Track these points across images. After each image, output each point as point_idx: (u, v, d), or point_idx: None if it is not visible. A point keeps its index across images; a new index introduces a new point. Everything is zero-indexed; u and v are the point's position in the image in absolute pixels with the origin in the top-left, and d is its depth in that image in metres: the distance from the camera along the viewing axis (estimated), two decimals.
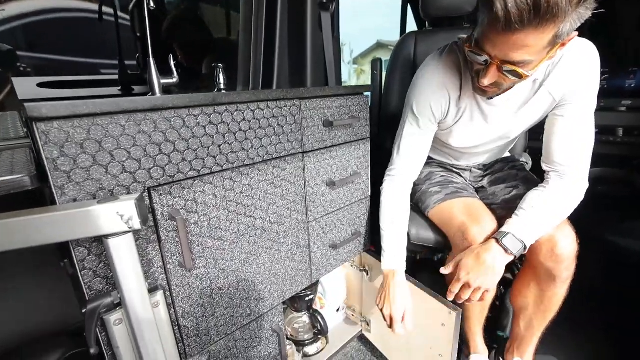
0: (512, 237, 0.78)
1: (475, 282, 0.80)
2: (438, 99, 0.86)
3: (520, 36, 0.59)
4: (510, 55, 0.63)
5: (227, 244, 0.70)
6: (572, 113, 0.79)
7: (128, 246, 0.51)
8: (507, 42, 0.61)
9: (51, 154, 0.47)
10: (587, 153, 0.80)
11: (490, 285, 0.80)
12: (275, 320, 0.86)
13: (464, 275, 0.81)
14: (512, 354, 1.03)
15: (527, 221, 0.79)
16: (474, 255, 0.81)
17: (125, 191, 0.55)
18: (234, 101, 0.65)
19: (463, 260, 0.83)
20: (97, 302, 0.51)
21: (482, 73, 0.71)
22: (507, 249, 0.77)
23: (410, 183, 0.99)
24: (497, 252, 0.79)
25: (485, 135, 0.92)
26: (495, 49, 0.64)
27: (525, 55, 0.63)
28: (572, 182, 0.81)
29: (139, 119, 0.54)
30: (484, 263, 0.79)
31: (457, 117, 0.89)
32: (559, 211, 0.80)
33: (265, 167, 0.74)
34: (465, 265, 0.81)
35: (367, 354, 1.24)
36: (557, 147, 0.81)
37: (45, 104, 0.45)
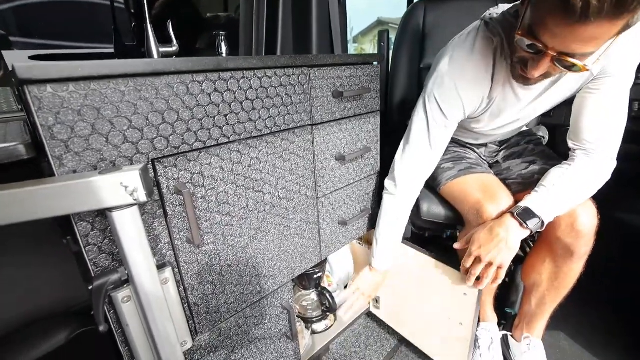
0: (529, 211, 0.74)
1: (487, 257, 0.77)
2: (472, 100, 0.79)
3: (591, 28, 0.50)
4: (572, 47, 0.55)
5: (235, 219, 0.68)
6: (609, 87, 0.72)
7: (134, 220, 0.48)
8: (573, 34, 0.52)
9: (46, 120, 0.44)
10: (619, 131, 0.75)
11: (503, 260, 0.77)
12: (285, 297, 0.85)
13: (476, 249, 0.78)
14: (522, 330, 1.03)
15: (547, 197, 0.75)
16: (487, 229, 0.78)
17: (128, 163, 0.51)
18: (239, 67, 0.61)
19: (476, 234, 0.80)
20: (103, 279, 0.49)
21: (533, 64, 0.62)
22: (522, 223, 0.74)
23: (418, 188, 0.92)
24: (511, 226, 0.75)
25: (513, 116, 0.86)
26: (555, 39, 0.55)
27: (590, 47, 0.54)
28: (600, 162, 0.76)
29: (139, 84, 0.50)
30: (497, 236, 0.76)
31: (488, 107, 0.83)
32: (582, 191, 0.76)
33: (273, 140, 0.70)
34: (477, 239, 0.79)
35: (374, 331, 1.24)
36: (588, 124, 0.75)
37: (37, 64, 0.41)
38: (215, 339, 0.72)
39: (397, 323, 1.14)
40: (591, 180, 0.76)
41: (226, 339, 0.74)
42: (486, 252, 0.77)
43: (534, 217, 0.74)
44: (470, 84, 0.77)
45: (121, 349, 0.59)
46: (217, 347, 0.73)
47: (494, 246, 0.76)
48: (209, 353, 0.72)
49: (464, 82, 0.77)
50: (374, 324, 1.27)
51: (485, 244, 0.77)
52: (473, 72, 0.76)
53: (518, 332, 1.04)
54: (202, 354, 0.70)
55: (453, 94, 0.78)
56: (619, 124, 0.74)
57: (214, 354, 0.73)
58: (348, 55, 0.87)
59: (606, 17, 0.48)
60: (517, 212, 0.75)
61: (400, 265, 1.03)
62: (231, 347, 0.76)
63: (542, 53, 0.59)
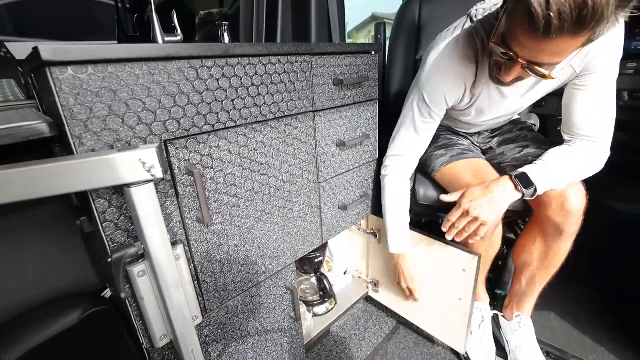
0: (526, 177, 0.78)
1: (475, 211, 0.79)
2: (454, 90, 0.83)
3: (555, 42, 0.55)
4: (540, 58, 0.60)
5: (242, 201, 0.71)
6: (596, 83, 0.76)
7: (150, 196, 0.50)
8: (539, 48, 0.58)
9: (67, 101, 0.46)
10: (611, 123, 0.79)
11: (489, 217, 0.79)
12: (288, 278, 0.88)
13: (466, 202, 0.81)
14: (512, 310, 1.07)
15: (544, 168, 0.79)
16: (484, 186, 0.82)
17: (142, 143, 0.54)
18: (246, 53, 0.63)
19: (471, 188, 0.83)
20: (122, 252, 0.52)
21: (505, 70, 0.68)
22: (517, 185, 0.78)
23: (413, 167, 0.98)
24: (507, 185, 0.79)
25: (500, 111, 0.91)
26: (524, 50, 0.60)
27: (555, 59, 0.60)
28: (596, 149, 0.80)
29: (152, 67, 0.52)
30: (490, 192, 0.79)
31: (472, 101, 0.87)
32: (577, 170, 0.80)
33: (277, 125, 0.73)
34: (470, 193, 0.82)
35: (373, 314, 1.29)
36: (579, 119, 0.79)
37: (59, 46, 0.43)
38: (223, 316, 0.75)
39: (396, 305, 1.18)
40: (587, 162, 0.80)
41: (233, 316, 0.77)
42: (476, 206, 0.80)
43: (529, 183, 0.78)
44: (452, 77, 0.81)
45: (135, 323, 0.62)
46: (225, 324, 0.76)
47: (485, 201, 0.79)
48: (218, 329, 0.75)
49: (446, 75, 0.82)
50: (373, 308, 1.31)
51: (477, 198, 0.80)
52: (456, 65, 0.80)
53: (509, 312, 1.08)
54: (210, 330, 0.73)
55: (436, 85, 0.83)
56: (609, 117, 0.78)
57: (222, 330, 0.76)
58: (348, 44, 0.90)
59: (568, 34, 0.53)
60: (515, 175, 0.79)
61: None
62: (238, 325, 0.79)
63: (514, 60, 0.64)
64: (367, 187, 1.06)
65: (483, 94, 0.85)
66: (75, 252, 0.94)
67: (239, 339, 0.80)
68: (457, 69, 0.80)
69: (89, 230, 0.65)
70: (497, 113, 0.92)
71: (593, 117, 0.78)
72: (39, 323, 0.72)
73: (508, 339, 1.06)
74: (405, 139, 0.93)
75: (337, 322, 1.23)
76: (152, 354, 0.66)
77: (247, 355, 0.83)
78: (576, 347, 1.07)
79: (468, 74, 0.80)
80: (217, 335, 0.75)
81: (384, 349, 1.13)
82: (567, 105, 0.81)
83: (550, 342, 1.09)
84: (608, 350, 1.05)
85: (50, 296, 0.85)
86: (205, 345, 0.73)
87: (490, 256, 1.01)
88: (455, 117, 0.99)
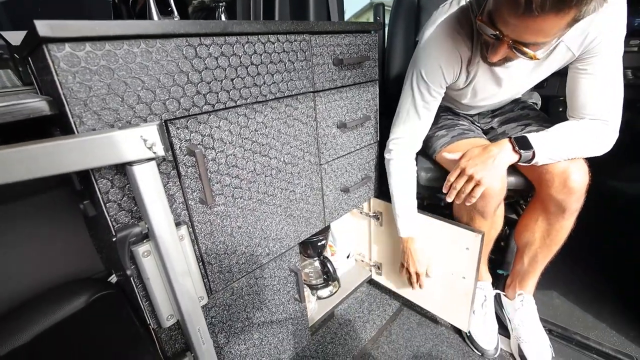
0: (526, 140, 0.78)
1: (471, 169, 0.80)
2: (450, 63, 0.82)
3: (538, 21, 0.55)
4: (524, 37, 0.60)
5: (244, 182, 0.71)
6: (600, 66, 0.74)
7: (152, 174, 0.51)
8: (522, 25, 0.58)
9: (66, 79, 0.46)
10: (619, 104, 0.77)
11: (486, 176, 0.79)
12: (292, 260, 0.89)
13: (465, 161, 0.82)
14: (514, 288, 1.08)
15: (545, 136, 0.79)
16: (482, 147, 0.82)
17: (143, 122, 0.54)
18: (244, 31, 0.62)
19: (470, 150, 0.83)
20: (126, 231, 0.52)
21: (492, 49, 0.68)
22: (515, 146, 0.78)
23: (416, 148, 0.97)
24: (505, 147, 0.79)
25: (498, 95, 0.91)
26: (508, 28, 0.61)
27: (540, 38, 0.60)
28: (604, 129, 0.78)
29: (150, 45, 0.52)
30: (488, 152, 0.80)
31: (469, 80, 0.87)
32: (581, 145, 0.78)
33: (277, 105, 0.73)
34: (469, 153, 0.83)
35: (376, 297, 1.30)
36: (586, 102, 0.78)
37: (55, 22, 0.43)
38: (229, 298, 0.76)
39: (400, 286, 1.19)
40: (591, 138, 0.78)
41: (238, 297, 0.78)
42: (472, 164, 0.80)
43: (528, 146, 0.78)
44: (448, 51, 0.81)
45: (142, 303, 0.62)
46: (230, 305, 0.77)
47: (481, 161, 0.80)
48: (223, 311, 0.76)
49: (442, 49, 0.81)
50: (377, 291, 1.33)
51: (475, 157, 0.81)
52: (452, 40, 0.79)
53: (511, 291, 1.09)
54: (216, 311, 0.74)
55: (432, 60, 0.83)
56: (617, 98, 0.77)
57: (228, 312, 0.77)
58: (347, 22, 0.89)
59: (550, 12, 0.53)
60: (514, 137, 0.80)
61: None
62: (243, 306, 0.80)
63: (500, 39, 0.64)
64: (369, 169, 1.06)
65: (478, 75, 0.84)
66: (81, 239, 0.94)
67: (245, 320, 0.81)
68: (452, 44, 0.80)
69: (92, 214, 0.66)
70: (493, 98, 0.91)
71: (600, 101, 0.77)
72: (47, 307, 0.72)
73: (510, 318, 1.07)
74: (406, 120, 0.93)
75: (341, 305, 1.24)
76: (159, 334, 0.67)
77: (253, 336, 0.84)
78: (578, 324, 1.09)
79: (463, 49, 0.80)
80: (223, 317, 0.76)
81: (387, 330, 1.14)
82: (572, 90, 0.80)
83: (552, 320, 1.10)
84: (609, 327, 1.06)
85: (57, 282, 0.86)
86: (212, 326, 0.74)
87: (492, 236, 1.02)
88: (454, 98, 0.98)
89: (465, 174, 0.81)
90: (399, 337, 1.11)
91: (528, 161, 0.79)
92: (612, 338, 1.03)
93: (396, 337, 1.11)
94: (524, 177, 0.92)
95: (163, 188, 0.53)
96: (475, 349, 1.03)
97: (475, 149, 0.82)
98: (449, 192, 0.86)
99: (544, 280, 1.05)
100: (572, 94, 0.80)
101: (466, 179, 0.81)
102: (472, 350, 1.04)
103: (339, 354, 1.07)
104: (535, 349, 0.96)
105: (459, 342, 1.07)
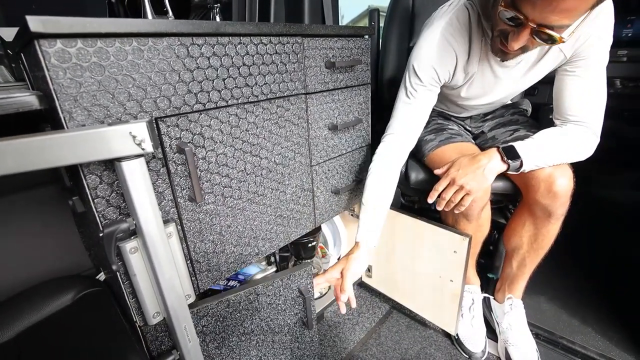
0: (513, 150, 0.80)
1: (461, 179, 0.81)
2: (443, 62, 0.83)
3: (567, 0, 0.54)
4: (550, 19, 0.58)
5: (234, 181, 0.71)
6: (587, 69, 0.77)
7: (141, 171, 0.51)
8: (551, 5, 0.56)
9: (56, 74, 0.46)
10: (601, 108, 0.80)
11: (474, 186, 0.80)
12: (302, 281, 0.88)
13: (454, 171, 0.83)
14: (504, 293, 1.09)
15: (532, 145, 0.80)
16: (471, 156, 0.83)
17: (133, 119, 0.54)
18: (237, 32, 0.63)
19: (459, 158, 0.84)
20: (113, 227, 0.52)
21: (513, 36, 0.66)
22: (503, 156, 0.79)
23: (408, 146, 0.93)
24: (494, 157, 0.81)
25: (495, 95, 0.92)
26: (535, 10, 0.59)
27: (566, 19, 0.58)
28: (586, 133, 0.81)
29: (142, 43, 0.52)
30: (477, 162, 0.81)
31: (466, 80, 0.88)
32: (565, 150, 0.81)
33: (269, 106, 0.74)
34: (458, 163, 0.83)
35: (366, 299, 1.30)
36: (570, 104, 0.81)
37: (47, 17, 0.43)
38: (224, 309, 0.75)
39: (390, 289, 1.20)
40: (576, 144, 0.81)
41: (235, 311, 0.77)
42: (462, 174, 0.81)
43: (515, 156, 0.79)
44: (443, 49, 0.82)
45: (128, 300, 0.62)
46: (225, 317, 0.76)
47: (471, 170, 0.81)
48: (211, 309, 0.76)
49: (437, 47, 0.82)
50: (367, 293, 1.33)
51: (464, 167, 0.82)
52: (448, 38, 0.81)
53: (500, 294, 1.11)
54: (208, 321, 0.74)
55: (426, 56, 0.84)
56: (600, 103, 0.79)
57: (222, 323, 0.76)
58: (340, 26, 0.90)
59: None
60: (502, 147, 0.81)
61: (392, 231, 1.08)
62: (240, 320, 0.79)
63: (522, 25, 0.63)
64: (360, 172, 1.07)
65: (477, 74, 0.86)
66: (70, 237, 0.94)
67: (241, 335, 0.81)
68: (448, 42, 0.81)
69: (80, 210, 0.66)
70: (487, 98, 0.93)
71: (584, 103, 0.79)
72: (33, 303, 0.72)
73: (499, 321, 1.08)
74: (398, 117, 0.92)
75: (331, 307, 1.24)
76: (145, 332, 0.67)
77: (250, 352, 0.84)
78: (564, 328, 1.10)
79: (460, 48, 0.82)
80: (216, 327, 0.75)
81: (377, 333, 1.15)
82: (558, 92, 0.83)
83: (539, 324, 1.12)
84: (594, 331, 1.08)
85: (45, 279, 0.86)
86: (202, 335, 0.73)
87: (479, 239, 1.03)
88: (449, 97, 0.99)
89: (456, 184, 0.81)
90: (388, 340, 1.11)
91: (516, 170, 0.81)
92: (597, 342, 1.04)
93: (385, 339, 1.12)
94: (512, 182, 0.93)
95: (152, 185, 0.53)
96: (463, 351, 1.04)
97: (463, 159, 0.82)
98: (437, 201, 0.86)
99: (532, 285, 1.07)
100: (559, 95, 0.83)
101: (456, 188, 0.82)
102: (459, 353, 1.05)
103: (328, 355, 1.07)
104: (522, 353, 0.97)
105: (447, 345, 1.08)
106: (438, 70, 0.84)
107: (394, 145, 0.92)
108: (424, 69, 0.85)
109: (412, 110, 0.90)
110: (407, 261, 1.09)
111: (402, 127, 0.92)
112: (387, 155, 0.92)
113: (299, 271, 0.84)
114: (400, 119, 0.92)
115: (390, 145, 0.92)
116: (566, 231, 0.91)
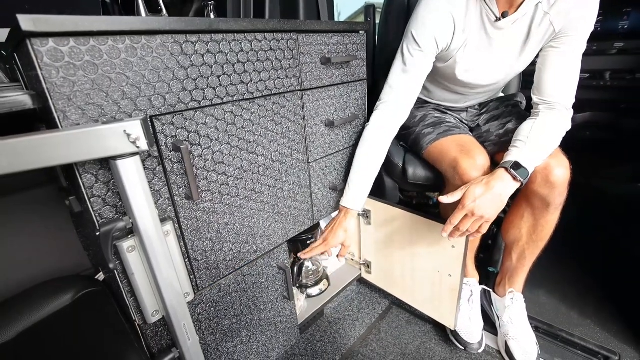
0: (519, 165, 0.78)
1: (479, 211, 0.77)
2: (443, 27, 0.85)
3: None
4: None
5: (231, 179, 0.71)
6: (569, 46, 0.81)
7: (137, 169, 0.51)
8: None
9: (49, 74, 0.46)
10: (575, 84, 0.84)
11: (492, 214, 0.79)
12: (280, 258, 0.89)
13: (470, 202, 0.78)
14: (504, 287, 1.09)
15: (527, 149, 0.80)
16: (483, 184, 0.79)
17: (127, 118, 0.54)
18: (231, 29, 0.63)
19: (471, 188, 0.80)
20: (110, 225, 0.52)
21: None
22: (515, 177, 0.77)
23: (400, 117, 0.95)
24: (507, 180, 0.78)
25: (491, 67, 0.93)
26: None
27: None
28: (561, 113, 0.84)
29: (135, 41, 0.52)
30: (492, 189, 0.77)
31: (462, 44, 0.88)
32: (551, 140, 0.83)
33: (265, 103, 0.73)
34: (472, 193, 0.78)
35: (366, 295, 1.31)
36: (550, 79, 0.84)
37: (39, 16, 0.43)
38: (216, 295, 0.76)
39: (389, 285, 1.20)
40: (556, 129, 0.83)
41: (226, 295, 0.78)
42: (480, 205, 0.77)
43: (523, 170, 0.78)
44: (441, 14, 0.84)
45: (127, 299, 0.62)
46: (217, 302, 0.77)
47: (488, 200, 0.77)
48: (210, 308, 0.76)
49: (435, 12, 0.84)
50: (366, 289, 1.33)
51: (481, 197, 0.78)
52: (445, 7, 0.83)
53: (501, 288, 1.11)
54: (203, 308, 0.75)
55: (425, 22, 0.85)
56: (575, 79, 0.84)
57: (215, 308, 0.77)
58: (335, 22, 0.90)
59: None
60: (510, 166, 0.78)
61: (390, 227, 1.08)
62: (230, 304, 0.80)
63: None
64: None
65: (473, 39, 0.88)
66: (69, 237, 0.94)
67: (233, 318, 0.81)
68: (445, 7, 0.83)
69: (77, 210, 0.66)
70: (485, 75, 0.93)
71: (562, 78, 0.84)
72: (32, 304, 0.72)
73: (499, 315, 1.08)
74: (393, 85, 0.92)
75: (331, 304, 1.24)
76: (145, 331, 0.67)
77: (241, 334, 0.85)
78: (564, 321, 1.10)
79: (457, 12, 0.83)
80: (210, 314, 0.76)
81: (377, 328, 1.15)
82: (540, 66, 0.86)
83: (539, 317, 1.12)
84: (593, 323, 1.08)
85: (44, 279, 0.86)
86: (198, 323, 0.74)
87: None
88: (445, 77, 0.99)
89: (475, 216, 0.78)
90: (388, 335, 1.12)
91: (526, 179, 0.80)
92: (596, 334, 1.04)
93: (385, 335, 1.12)
94: None
95: (148, 183, 0.53)
96: (458, 342, 1.04)
97: (476, 189, 0.78)
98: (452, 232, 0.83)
99: (531, 278, 1.07)
100: (541, 70, 0.86)
101: (474, 219, 0.79)
102: (455, 343, 1.05)
103: (328, 352, 1.07)
104: (522, 346, 0.98)
105: (447, 340, 1.08)
106: (437, 35, 0.85)
107: (388, 114, 0.94)
108: (423, 35, 0.86)
109: (408, 80, 0.91)
110: (405, 257, 1.09)
111: (396, 96, 0.93)
112: (381, 126, 0.94)
113: (277, 249, 0.89)
114: (396, 87, 0.92)
115: (385, 114, 0.94)
116: (565, 224, 0.91)
